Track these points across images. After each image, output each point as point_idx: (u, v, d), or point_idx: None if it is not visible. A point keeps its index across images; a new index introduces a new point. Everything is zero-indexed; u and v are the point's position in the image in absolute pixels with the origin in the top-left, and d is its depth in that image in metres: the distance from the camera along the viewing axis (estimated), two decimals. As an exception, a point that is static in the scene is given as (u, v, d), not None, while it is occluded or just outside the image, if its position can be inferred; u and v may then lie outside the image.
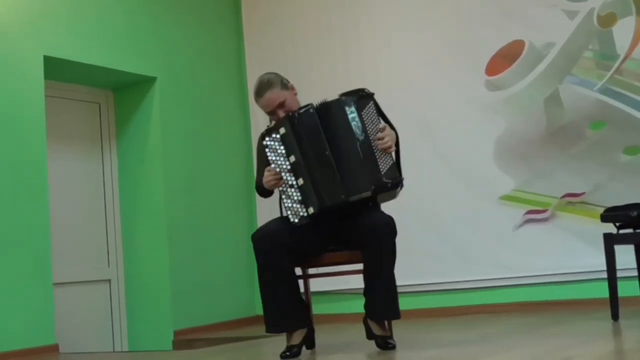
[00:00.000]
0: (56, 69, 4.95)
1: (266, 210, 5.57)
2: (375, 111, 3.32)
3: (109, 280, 5.49)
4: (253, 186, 6.16)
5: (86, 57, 5.01)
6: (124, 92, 5.62)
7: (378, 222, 3.20)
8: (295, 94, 3.48)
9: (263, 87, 3.38)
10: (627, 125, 4.76)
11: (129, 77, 5.40)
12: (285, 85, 3.43)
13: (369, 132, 3.27)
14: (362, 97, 3.31)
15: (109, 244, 5.52)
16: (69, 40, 4.93)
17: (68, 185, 5.27)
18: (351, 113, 3.28)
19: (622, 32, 4.78)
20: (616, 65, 4.80)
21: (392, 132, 3.33)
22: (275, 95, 3.37)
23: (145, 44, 5.42)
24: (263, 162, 3.43)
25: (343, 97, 3.32)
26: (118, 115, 5.67)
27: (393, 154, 3.30)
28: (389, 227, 3.20)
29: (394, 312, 3.25)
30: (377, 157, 3.25)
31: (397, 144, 3.33)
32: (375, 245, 3.18)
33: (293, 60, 5.76)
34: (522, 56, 5.06)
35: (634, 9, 4.76)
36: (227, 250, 5.80)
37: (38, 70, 4.71)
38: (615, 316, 3.84)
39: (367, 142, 3.27)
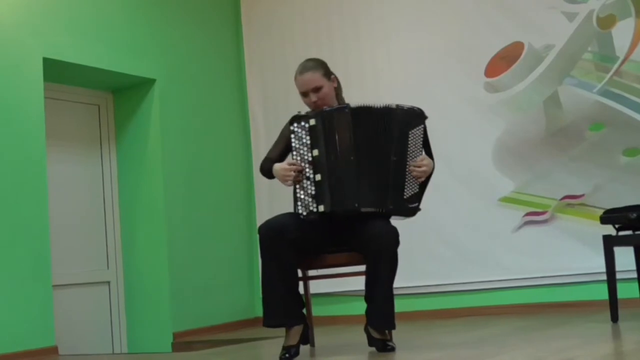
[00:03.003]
0: (56, 71, 4.95)
1: (266, 212, 5.57)
2: (422, 135, 3.31)
3: (109, 282, 5.48)
4: (253, 188, 6.24)
5: (86, 59, 5.01)
6: (123, 94, 5.62)
7: (381, 231, 3.20)
8: (335, 87, 3.46)
9: (306, 67, 3.39)
10: (627, 126, 4.76)
11: (129, 79, 5.40)
12: (327, 74, 3.42)
13: (408, 153, 3.27)
14: (415, 116, 3.30)
15: (109, 246, 5.51)
16: (68, 42, 4.92)
17: (67, 187, 5.27)
18: (398, 129, 3.25)
19: (621, 34, 4.78)
20: (615, 67, 4.79)
21: (431, 164, 3.33)
22: (314, 78, 3.36)
23: (145, 45, 5.42)
24: (285, 144, 3.42)
25: (396, 108, 3.29)
26: (117, 117, 5.66)
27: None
28: (391, 238, 3.19)
29: (389, 323, 3.25)
30: (406, 181, 3.26)
31: (429, 176, 3.34)
32: (376, 254, 3.18)
33: (293, 61, 5.67)
34: (521, 58, 5.06)
35: (633, 11, 4.76)
36: (226, 252, 5.80)
37: (37, 72, 4.71)
38: (614, 318, 3.84)
39: (401, 163, 3.26)
